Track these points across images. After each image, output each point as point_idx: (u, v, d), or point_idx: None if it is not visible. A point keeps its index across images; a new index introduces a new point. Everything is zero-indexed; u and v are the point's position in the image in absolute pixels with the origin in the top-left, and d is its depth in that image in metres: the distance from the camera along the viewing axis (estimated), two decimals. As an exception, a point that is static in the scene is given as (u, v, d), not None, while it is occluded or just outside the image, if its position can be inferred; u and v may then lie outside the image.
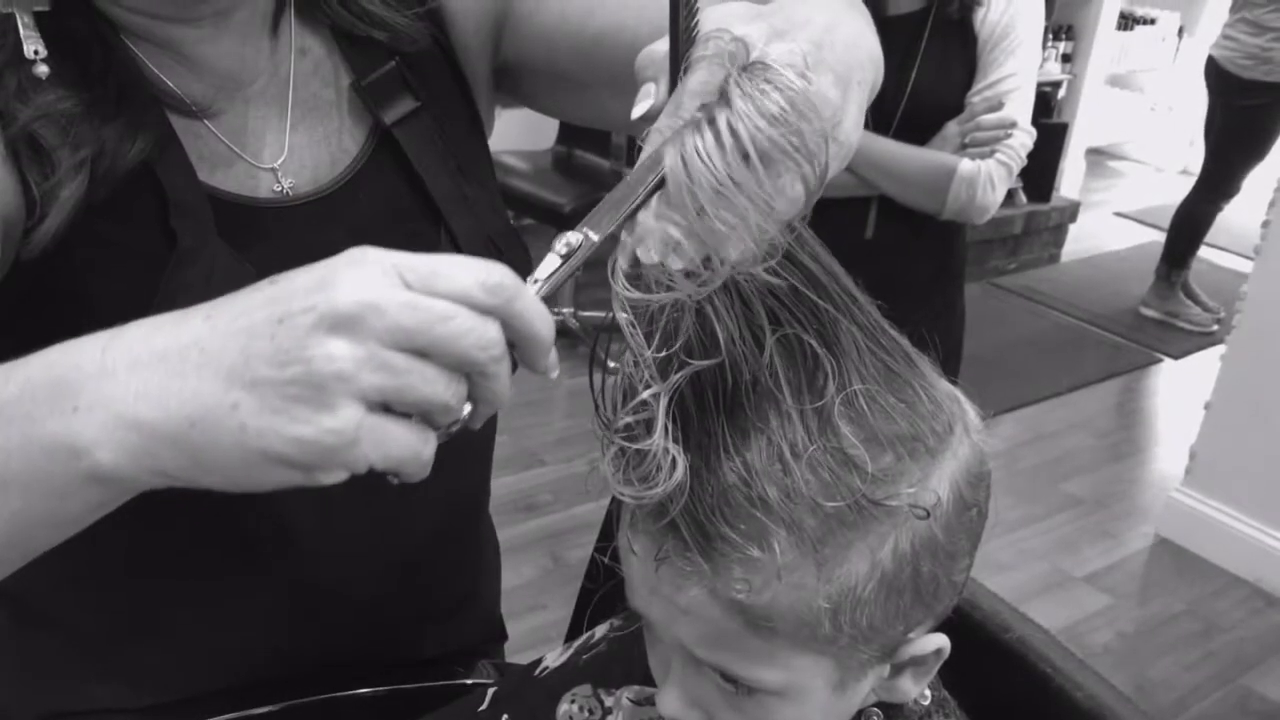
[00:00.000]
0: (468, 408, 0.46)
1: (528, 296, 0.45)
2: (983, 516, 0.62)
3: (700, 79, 0.49)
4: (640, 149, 0.50)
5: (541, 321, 0.46)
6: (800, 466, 0.53)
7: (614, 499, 0.57)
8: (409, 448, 0.44)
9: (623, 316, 0.51)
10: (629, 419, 0.53)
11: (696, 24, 0.51)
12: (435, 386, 0.43)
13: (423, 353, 0.43)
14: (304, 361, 0.41)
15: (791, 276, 0.54)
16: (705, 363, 0.52)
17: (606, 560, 0.61)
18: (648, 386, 0.52)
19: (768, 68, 0.48)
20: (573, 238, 0.48)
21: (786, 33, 0.52)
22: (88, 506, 0.47)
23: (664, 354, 0.52)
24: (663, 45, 0.52)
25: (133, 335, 0.46)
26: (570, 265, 0.48)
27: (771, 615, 0.55)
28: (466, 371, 0.45)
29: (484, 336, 0.44)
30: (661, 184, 0.48)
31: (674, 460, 0.52)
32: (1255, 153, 3.83)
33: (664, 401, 0.52)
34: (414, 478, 0.46)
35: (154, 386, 0.43)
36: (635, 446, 0.52)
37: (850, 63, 0.55)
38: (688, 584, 0.55)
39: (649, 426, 0.52)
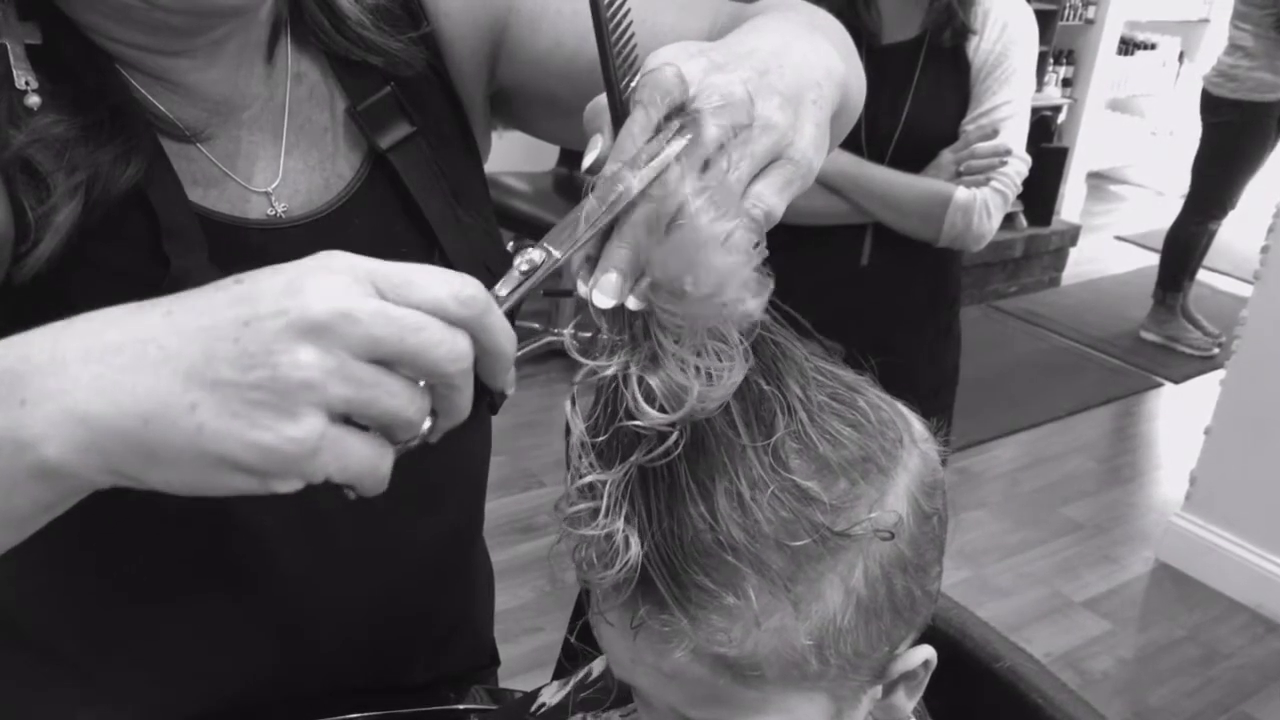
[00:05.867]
0: (428, 422, 0.46)
1: (497, 311, 0.46)
2: (944, 523, 0.62)
3: (640, 122, 0.50)
4: (588, 193, 0.51)
5: (507, 336, 0.46)
6: (759, 506, 0.53)
7: None
8: (368, 461, 0.44)
9: (569, 409, 0.52)
10: (579, 506, 0.53)
11: (636, 67, 0.52)
12: (400, 400, 0.44)
13: (391, 363, 0.43)
14: (270, 367, 0.41)
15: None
16: (641, 458, 0.52)
17: (575, 640, 0.61)
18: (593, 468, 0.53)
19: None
20: (535, 255, 0.49)
21: (726, 65, 0.53)
22: (35, 505, 0.46)
23: (611, 432, 0.53)
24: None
25: (85, 327, 0.45)
26: (531, 282, 0.49)
27: (757, 663, 0.55)
28: (433, 383, 0.45)
29: (455, 348, 0.44)
30: (624, 205, 0.49)
31: (627, 540, 0.52)
32: (1229, 171, 3.85)
33: (609, 486, 0.52)
34: (370, 492, 0.45)
35: (107, 381, 0.42)
36: (582, 532, 0.53)
37: (801, 83, 0.55)
38: (669, 647, 0.55)
39: (600, 510, 0.53)
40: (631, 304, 0.50)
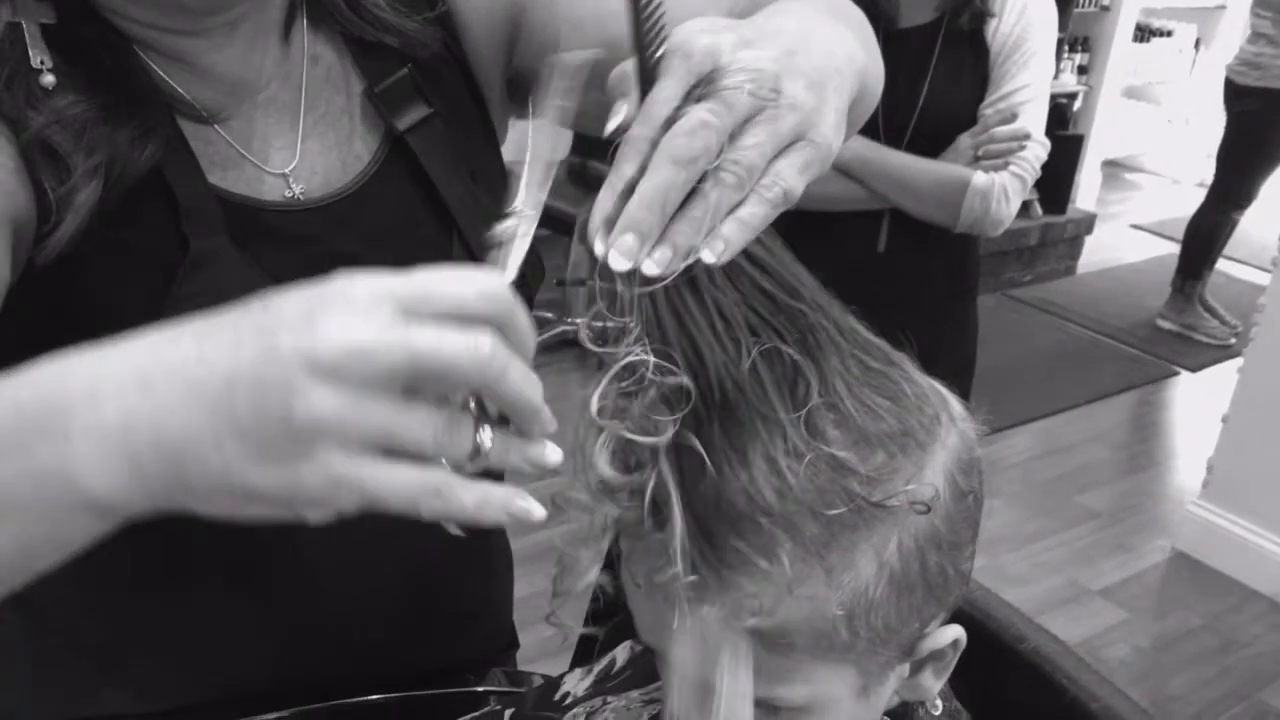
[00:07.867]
0: (486, 434, 0.45)
1: (519, 305, 0.45)
2: (979, 503, 0.62)
3: (668, 89, 0.49)
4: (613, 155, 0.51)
5: (529, 330, 0.46)
6: (795, 474, 0.53)
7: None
8: (407, 487, 0.43)
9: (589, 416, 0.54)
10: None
11: (663, 36, 0.51)
12: (423, 431, 0.43)
13: (417, 388, 0.42)
14: (284, 407, 0.41)
15: (765, 283, 0.54)
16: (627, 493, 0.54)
17: (599, 632, 0.61)
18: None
19: None
20: (509, 222, 0.52)
21: (755, 41, 0.53)
22: (85, 533, 0.47)
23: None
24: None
25: (122, 357, 0.45)
26: (523, 246, 0.51)
27: (787, 631, 0.55)
28: (474, 394, 0.44)
29: (477, 354, 0.42)
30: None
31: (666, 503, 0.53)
32: (1254, 160, 3.81)
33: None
34: (432, 514, 0.44)
35: (144, 417, 0.42)
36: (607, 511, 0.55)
37: (825, 68, 0.55)
38: (698, 610, 0.54)
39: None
40: (648, 268, 0.49)
